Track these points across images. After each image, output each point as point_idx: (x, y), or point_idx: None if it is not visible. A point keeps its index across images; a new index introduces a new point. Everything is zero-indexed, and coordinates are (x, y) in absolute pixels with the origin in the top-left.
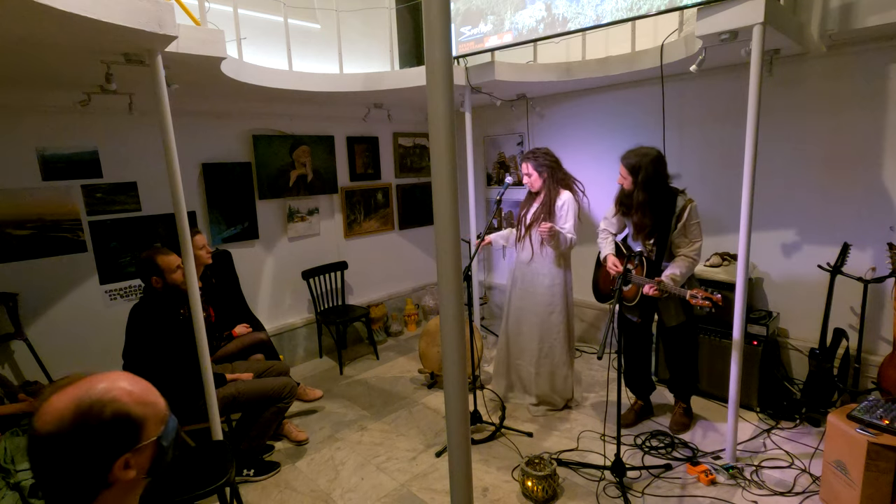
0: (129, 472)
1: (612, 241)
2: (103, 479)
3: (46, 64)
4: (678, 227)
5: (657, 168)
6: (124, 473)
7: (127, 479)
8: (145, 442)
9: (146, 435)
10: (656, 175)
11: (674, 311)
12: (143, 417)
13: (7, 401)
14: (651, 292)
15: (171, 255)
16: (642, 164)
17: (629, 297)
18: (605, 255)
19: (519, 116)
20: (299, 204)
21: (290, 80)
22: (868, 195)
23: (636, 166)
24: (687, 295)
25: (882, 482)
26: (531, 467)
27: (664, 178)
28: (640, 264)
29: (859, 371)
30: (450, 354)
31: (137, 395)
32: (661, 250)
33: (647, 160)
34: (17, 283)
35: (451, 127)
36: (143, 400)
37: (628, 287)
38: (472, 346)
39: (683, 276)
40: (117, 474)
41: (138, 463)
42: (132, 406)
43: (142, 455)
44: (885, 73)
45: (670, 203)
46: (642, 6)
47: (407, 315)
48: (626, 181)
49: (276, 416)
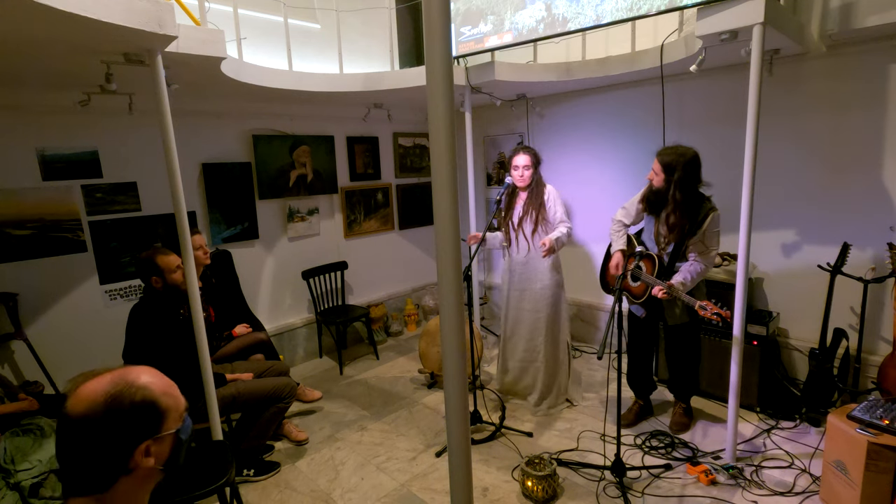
0: (149, 459)
1: (624, 234)
2: (124, 464)
3: (46, 64)
4: (698, 233)
5: (694, 170)
6: (145, 461)
7: (146, 466)
8: (166, 432)
9: (167, 426)
10: (691, 177)
11: (678, 311)
12: (166, 407)
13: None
14: (660, 295)
15: (171, 255)
16: (678, 163)
17: (637, 294)
18: (614, 252)
19: (519, 116)
20: (299, 204)
21: (290, 80)
22: (868, 195)
23: (672, 165)
24: (696, 305)
25: (882, 482)
26: (531, 467)
27: (698, 181)
28: (651, 263)
29: (859, 371)
30: (450, 354)
31: (164, 387)
32: (676, 252)
33: (683, 160)
34: (17, 283)
35: (451, 127)
36: (168, 392)
37: (637, 284)
38: (472, 346)
39: (693, 283)
40: (138, 460)
41: (158, 451)
42: (159, 395)
43: (162, 444)
44: (885, 73)
45: (698, 208)
46: (642, 6)
47: (407, 315)
48: (658, 178)
49: (276, 416)
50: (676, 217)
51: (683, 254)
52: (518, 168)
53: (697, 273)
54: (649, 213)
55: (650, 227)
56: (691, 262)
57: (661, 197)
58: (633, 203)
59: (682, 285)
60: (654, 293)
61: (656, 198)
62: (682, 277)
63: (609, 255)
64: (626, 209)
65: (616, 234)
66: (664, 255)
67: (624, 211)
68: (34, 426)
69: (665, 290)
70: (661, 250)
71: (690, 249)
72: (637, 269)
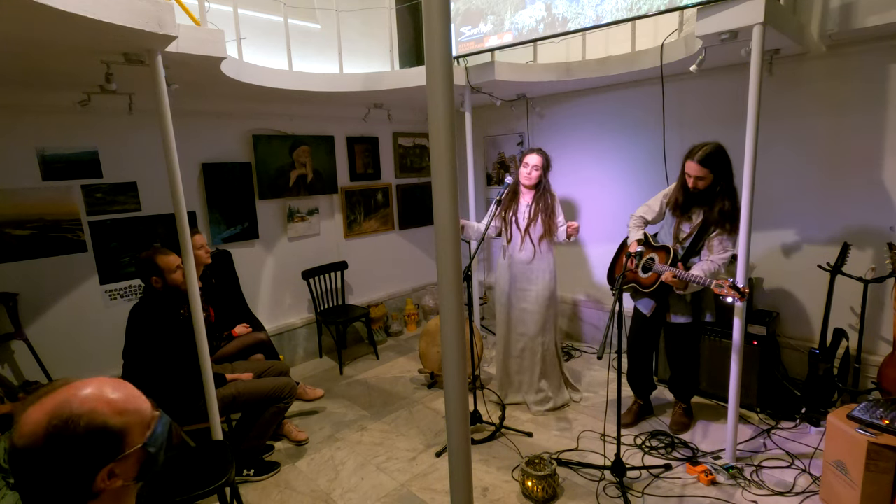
0: (115, 481)
1: (643, 228)
2: (87, 489)
3: (46, 64)
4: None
5: (729, 160)
6: (110, 483)
7: (113, 487)
8: (129, 450)
9: (130, 443)
10: (731, 166)
11: (682, 306)
12: (123, 426)
13: (7, 401)
14: (670, 279)
15: (171, 255)
16: (721, 158)
17: (646, 284)
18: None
19: (519, 116)
20: (299, 204)
21: (290, 80)
22: (868, 195)
23: (715, 158)
24: (713, 284)
25: (882, 482)
26: (531, 467)
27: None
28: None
29: (859, 371)
30: (450, 354)
31: (117, 404)
32: (693, 247)
33: (719, 151)
34: (17, 283)
35: (451, 127)
36: (122, 409)
37: (648, 274)
38: (472, 346)
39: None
40: (101, 485)
41: (124, 471)
42: (110, 417)
43: (127, 463)
44: (885, 73)
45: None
46: (642, 6)
47: (407, 315)
48: (704, 180)
49: (276, 416)
50: (731, 203)
51: (697, 250)
52: (528, 166)
53: (711, 273)
54: (675, 214)
55: (670, 225)
56: (706, 259)
57: (696, 197)
58: (657, 200)
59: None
60: (665, 278)
61: (691, 199)
62: (697, 271)
63: (620, 249)
64: (649, 206)
65: (635, 228)
66: (679, 248)
67: (647, 207)
68: None
69: (673, 274)
70: (679, 244)
71: (709, 246)
72: (650, 261)
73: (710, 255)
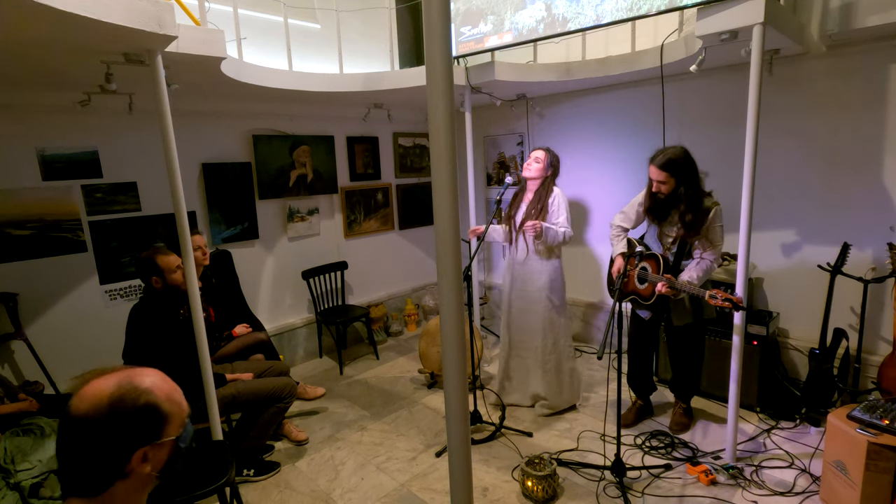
0: (146, 465)
1: (624, 238)
2: (121, 468)
3: (46, 64)
4: (702, 229)
5: (693, 163)
6: (141, 466)
7: (143, 472)
8: (165, 438)
9: (167, 432)
10: (695, 170)
11: (683, 310)
12: (169, 413)
13: (7, 401)
14: (664, 290)
15: (171, 255)
16: (679, 161)
17: (645, 296)
18: (615, 256)
19: (519, 116)
20: (299, 204)
21: (290, 80)
22: (868, 195)
23: (675, 165)
24: (706, 295)
25: (882, 482)
26: (531, 467)
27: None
28: (656, 263)
29: (859, 371)
30: (450, 354)
31: (170, 392)
32: (681, 251)
33: (681, 157)
34: (17, 283)
35: (451, 127)
36: (172, 398)
37: (644, 286)
38: (472, 346)
39: (700, 280)
40: (134, 465)
41: (155, 458)
42: (162, 400)
43: (160, 451)
44: (885, 73)
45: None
46: (642, 6)
47: (407, 315)
48: (667, 185)
49: (276, 416)
50: (693, 213)
51: (689, 252)
52: (529, 158)
53: (704, 271)
54: (652, 222)
55: (653, 229)
56: (697, 259)
57: (666, 202)
58: (632, 207)
59: (688, 284)
60: (658, 289)
61: (661, 204)
62: (688, 276)
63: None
64: (625, 213)
65: (616, 240)
66: (668, 254)
67: (623, 216)
68: (34, 426)
69: (667, 284)
70: (667, 250)
71: (696, 247)
72: (643, 271)
73: (702, 253)
